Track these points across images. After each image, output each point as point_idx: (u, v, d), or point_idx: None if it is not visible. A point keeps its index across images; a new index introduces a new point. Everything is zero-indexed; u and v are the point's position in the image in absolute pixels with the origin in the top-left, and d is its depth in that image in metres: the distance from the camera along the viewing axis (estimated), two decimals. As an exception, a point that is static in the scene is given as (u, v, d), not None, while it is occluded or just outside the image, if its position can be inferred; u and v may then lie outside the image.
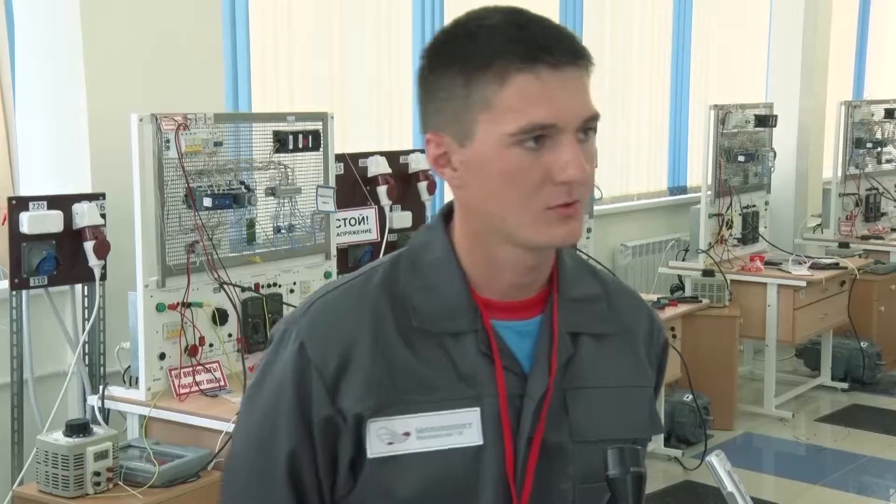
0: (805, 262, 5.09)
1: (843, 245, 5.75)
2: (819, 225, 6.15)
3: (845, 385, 5.43)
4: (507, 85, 1.01)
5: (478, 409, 1.05)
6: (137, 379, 2.85)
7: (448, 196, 4.70)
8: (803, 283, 4.91)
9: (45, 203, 2.94)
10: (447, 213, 1.12)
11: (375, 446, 1.04)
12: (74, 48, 3.18)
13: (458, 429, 1.05)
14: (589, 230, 4.46)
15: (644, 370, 1.18)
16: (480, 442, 1.05)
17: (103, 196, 3.07)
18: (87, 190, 3.13)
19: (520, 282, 1.09)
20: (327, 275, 3.32)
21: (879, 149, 6.15)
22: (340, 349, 1.06)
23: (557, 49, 1.02)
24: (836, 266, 5.17)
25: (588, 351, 1.12)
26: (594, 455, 1.07)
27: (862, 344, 5.42)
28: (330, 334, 1.07)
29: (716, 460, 1.05)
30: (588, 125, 1.04)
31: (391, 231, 3.77)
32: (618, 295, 1.18)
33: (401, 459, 1.04)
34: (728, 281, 4.84)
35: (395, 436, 1.04)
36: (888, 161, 6.28)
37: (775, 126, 5.40)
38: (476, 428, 1.05)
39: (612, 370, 1.14)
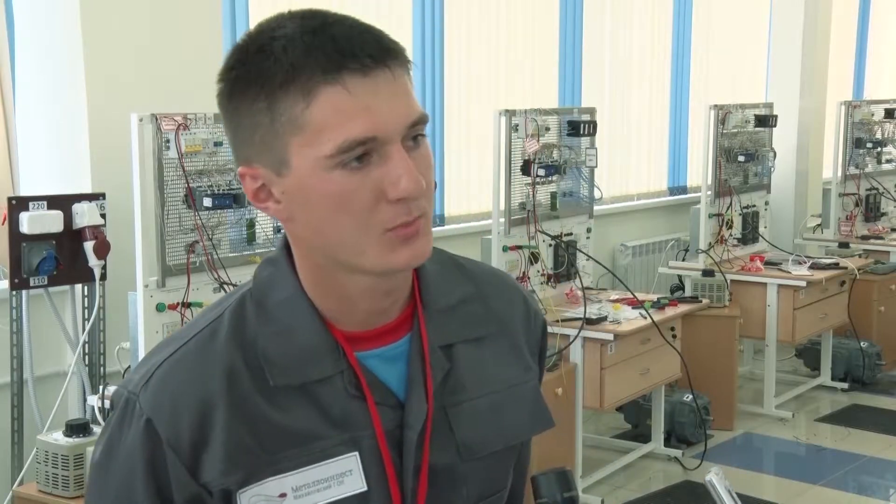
0: (805, 262, 5.09)
1: (843, 245, 5.75)
2: (819, 225, 6.15)
3: (845, 385, 5.43)
4: (314, 101, 0.89)
5: (355, 453, 0.97)
6: (137, 379, 2.84)
7: (449, 200, 4.65)
8: (803, 283, 4.90)
9: (45, 203, 2.94)
10: (288, 244, 1.00)
11: None
12: (74, 48, 3.18)
13: (339, 478, 0.96)
14: (589, 230, 4.46)
15: (525, 363, 1.09)
16: (364, 488, 0.97)
17: (103, 196, 3.07)
18: (87, 190, 3.13)
19: (377, 308, 0.99)
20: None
21: (879, 149, 6.15)
22: (194, 420, 0.94)
23: (362, 51, 0.91)
24: (835, 266, 5.17)
25: (466, 360, 1.03)
26: (486, 469, 1.04)
27: (862, 344, 5.42)
28: (179, 405, 0.95)
29: (715, 479, 1.01)
30: (415, 131, 0.93)
31: (391, 231, 3.76)
32: (490, 288, 1.09)
33: None
34: (728, 281, 4.84)
35: (270, 500, 0.95)
36: (888, 161, 6.28)
37: (775, 126, 5.40)
38: (357, 473, 0.97)
39: (493, 373, 1.05)
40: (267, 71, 0.90)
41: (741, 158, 5.16)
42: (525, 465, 1.16)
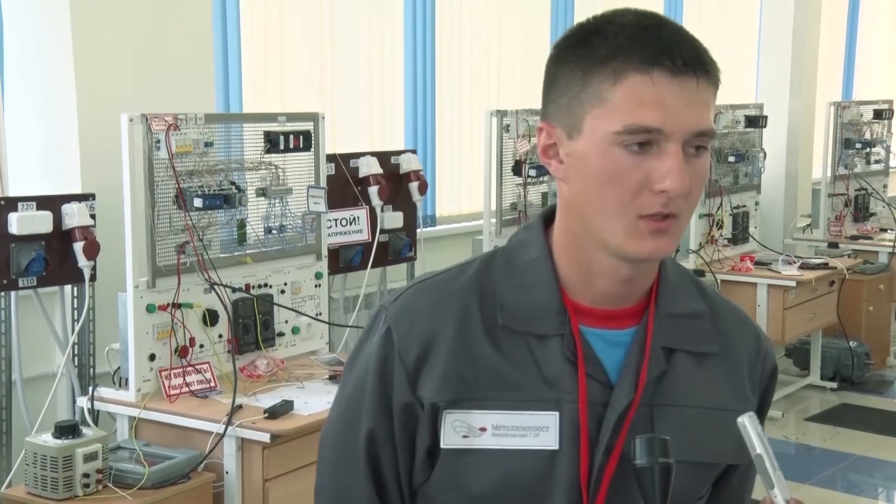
0: (795, 262, 5.11)
1: (833, 245, 5.78)
2: (809, 225, 6.17)
3: (834, 384, 5.45)
4: (622, 83, 1.00)
5: (556, 413, 1.04)
6: (127, 380, 2.84)
7: (440, 200, 4.66)
8: (793, 283, 4.92)
9: (34, 203, 2.93)
10: (548, 215, 1.12)
11: (450, 437, 1.05)
12: (64, 47, 3.17)
13: (535, 431, 1.04)
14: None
15: (744, 394, 1.13)
16: (556, 447, 1.04)
17: (93, 196, 3.06)
18: (77, 190, 3.12)
19: (614, 292, 1.07)
20: (318, 275, 3.32)
21: (868, 149, 6.17)
22: (423, 338, 1.07)
23: (680, 56, 1.00)
24: (825, 266, 5.19)
25: (683, 369, 1.09)
26: (676, 477, 1.04)
27: (851, 343, 5.44)
28: (415, 323, 1.08)
29: (748, 421, 1.04)
30: (700, 142, 1.01)
31: (382, 231, 3.77)
32: (724, 314, 1.15)
33: (474, 454, 1.04)
34: (718, 281, 4.85)
35: (470, 429, 1.04)
36: (877, 161, 6.31)
37: (765, 126, 5.41)
38: (553, 432, 1.04)
39: (707, 391, 1.10)
40: (594, 47, 1.02)
41: (731, 159, 5.17)
42: (738, 499, 1.18)
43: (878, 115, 6.20)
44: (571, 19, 5.43)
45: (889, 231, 6.01)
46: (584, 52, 1.02)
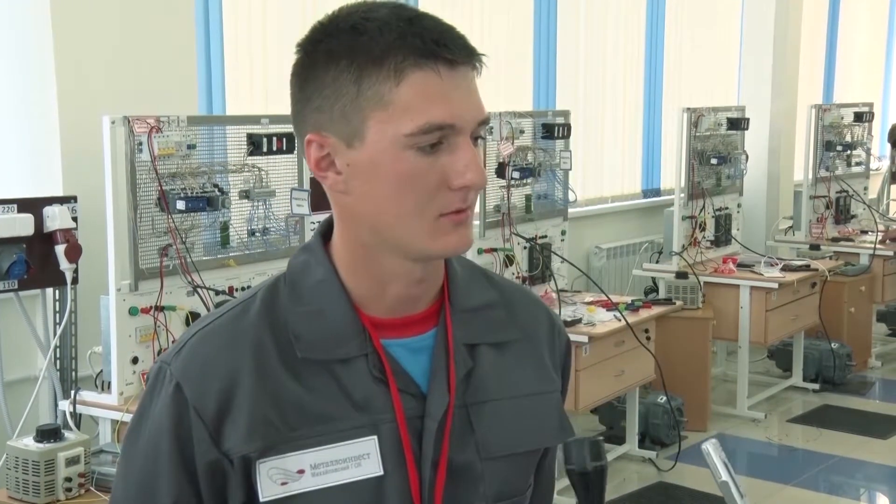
0: (777, 264, 5.15)
1: (814, 247, 5.82)
2: (790, 227, 6.21)
3: (816, 386, 5.49)
4: (405, 81, 0.94)
5: (374, 437, 0.99)
6: (110, 383, 2.83)
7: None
8: (775, 285, 4.95)
9: (15, 206, 2.91)
10: (325, 231, 1.06)
11: (268, 488, 0.97)
12: (45, 49, 3.15)
13: (356, 460, 0.99)
14: (563, 232, 4.48)
15: (548, 375, 1.12)
16: (380, 472, 0.99)
17: (75, 199, 3.04)
18: (59, 193, 3.10)
19: (408, 294, 1.03)
20: (302, 278, 3.31)
21: (849, 152, 6.22)
22: (220, 387, 0.98)
23: (454, 45, 0.96)
24: (807, 268, 5.23)
25: (488, 362, 1.06)
26: (505, 471, 1.05)
27: (833, 345, 5.48)
28: (208, 372, 0.99)
29: (711, 448, 1.04)
30: (480, 131, 0.99)
31: (366, 234, 3.76)
32: (515, 299, 1.13)
33: (297, 499, 0.98)
34: (701, 283, 4.87)
35: (288, 475, 0.97)
36: (857, 164, 6.36)
37: (747, 129, 5.45)
38: (374, 458, 0.99)
39: (515, 379, 1.08)
40: (360, 47, 0.95)
41: (714, 161, 5.20)
42: (550, 480, 1.19)
43: (859, 117, 6.25)
44: (555, 21, 5.45)
45: (870, 233, 6.06)
46: (350, 54, 0.95)
